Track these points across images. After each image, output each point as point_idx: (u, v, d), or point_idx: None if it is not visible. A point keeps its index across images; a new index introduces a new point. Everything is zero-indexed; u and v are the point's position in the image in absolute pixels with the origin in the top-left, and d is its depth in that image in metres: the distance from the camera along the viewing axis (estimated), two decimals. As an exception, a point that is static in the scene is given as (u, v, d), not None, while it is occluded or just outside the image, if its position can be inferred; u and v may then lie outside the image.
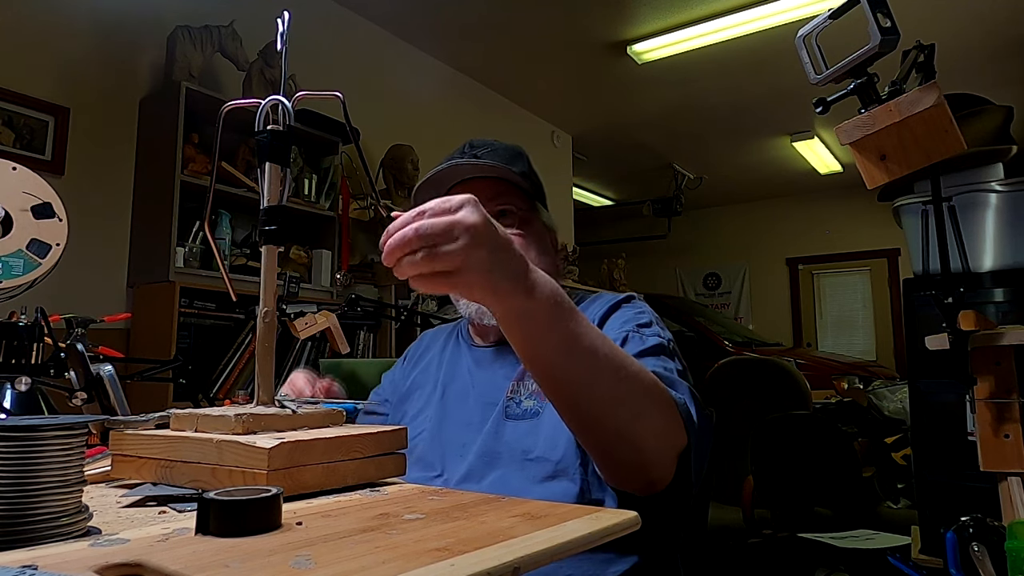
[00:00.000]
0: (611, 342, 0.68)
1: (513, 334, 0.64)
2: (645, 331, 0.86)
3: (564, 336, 0.64)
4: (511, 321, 0.63)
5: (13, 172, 0.95)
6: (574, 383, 0.66)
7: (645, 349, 0.82)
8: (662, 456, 0.71)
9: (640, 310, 0.91)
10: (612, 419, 0.67)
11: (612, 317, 0.90)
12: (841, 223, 6.85)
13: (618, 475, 0.74)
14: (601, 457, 0.73)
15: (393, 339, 2.93)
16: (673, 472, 0.73)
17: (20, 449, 0.41)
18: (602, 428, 0.68)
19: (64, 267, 0.97)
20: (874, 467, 2.92)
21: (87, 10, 2.43)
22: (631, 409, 0.67)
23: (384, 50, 3.68)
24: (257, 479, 0.51)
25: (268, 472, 0.51)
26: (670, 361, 0.82)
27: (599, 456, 0.73)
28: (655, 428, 0.70)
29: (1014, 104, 1.98)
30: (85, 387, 0.89)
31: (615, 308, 0.92)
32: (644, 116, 4.95)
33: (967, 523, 1.24)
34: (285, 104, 0.65)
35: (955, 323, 1.28)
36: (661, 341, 0.85)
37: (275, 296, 0.65)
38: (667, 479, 0.73)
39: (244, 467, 0.52)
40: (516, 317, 0.62)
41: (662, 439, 0.71)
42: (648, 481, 0.72)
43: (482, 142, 1.00)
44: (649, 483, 0.72)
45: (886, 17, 0.93)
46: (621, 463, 0.72)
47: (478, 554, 0.38)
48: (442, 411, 0.95)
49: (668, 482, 0.73)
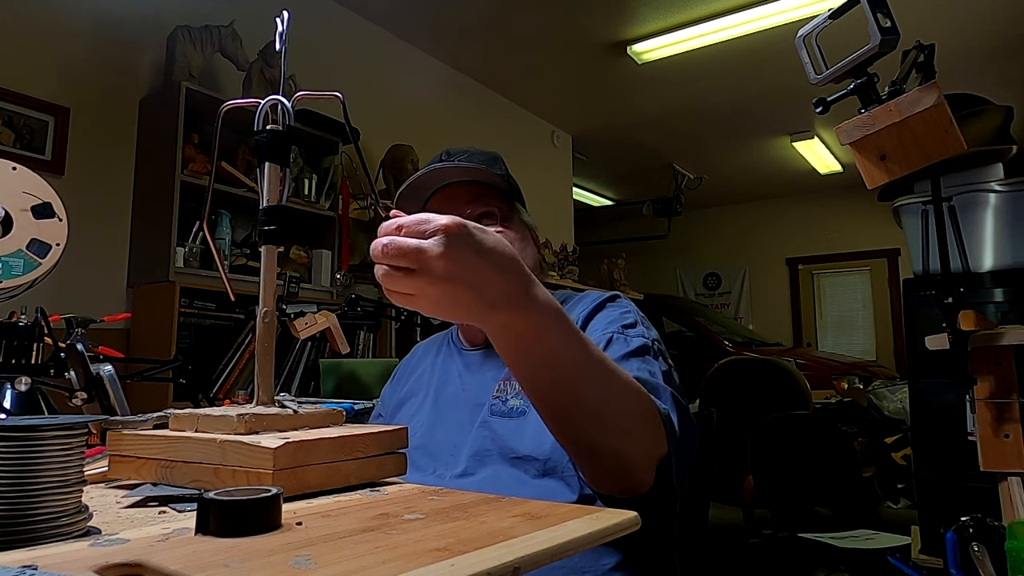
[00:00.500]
0: (601, 354, 0.68)
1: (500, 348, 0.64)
2: (630, 332, 0.86)
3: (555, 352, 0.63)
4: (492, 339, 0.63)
5: (13, 172, 0.95)
6: (561, 398, 0.66)
7: (630, 351, 0.83)
8: (642, 463, 0.72)
9: (625, 309, 0.91)
10: (597, 433, 0.68)
11: (597, 317, 0.91)
12: (841, 223, 6.85)
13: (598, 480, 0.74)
14: (581, 463, 0.74)
15: (393, 339, 2.93)
16: (653, 478, 0.73)
17: (20, 449, 0.41)
18: (586, 441, 0.69)
19: (64, 267, 0.97)
20: (874, 467, 2.92)
21: (87, 10, 2.43)
22: (617, 425, 0.68)
23: (384, 50, 3.68)
24: (262, 479, 0.51)
25: (274, 472, 0.51)
26: (654, 362, 0.82)
27: (579, 462, 0.74)
28: (639, 441, 0.70)
29: (1014, 104, 1.98)
30: (85, 387, 0.89)
31: (599, 308, 0.92)
32: (644, 116, 4.95)
33: (967, 523, 1.24)
34: (285, 104, 0.65)
35: (955, 323, 1.29)
36: (646, 342, 0.85)
37: (275, 296, 0.65)
38: (647, 484, 0.73)
39: (248, 467, 0.52)
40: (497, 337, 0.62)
41: (643, 450, 0.71)
42: (628, 487, 0.73)
43: (459, 149, 1.02)
44: (629, 489, 0.73)
45: (886, 17, 0.93)
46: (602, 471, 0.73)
47: (478, 554, 0.38)
48: (435, 415, 0.96)
49: (648, 487, 0.74)
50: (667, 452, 0.73)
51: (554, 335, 0.62)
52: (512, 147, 4.66)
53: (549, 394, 0.66)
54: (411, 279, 0.54)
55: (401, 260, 0.53)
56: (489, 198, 0.99)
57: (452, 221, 0.54)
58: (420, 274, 0.53)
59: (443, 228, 0.54)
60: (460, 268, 0.54)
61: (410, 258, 0.53)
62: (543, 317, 0.61)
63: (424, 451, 0.91)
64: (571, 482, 0.80)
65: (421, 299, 0.55)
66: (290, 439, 0.53)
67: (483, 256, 0.56)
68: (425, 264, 0.53)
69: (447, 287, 0.54)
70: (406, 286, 0.54)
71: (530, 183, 5.64)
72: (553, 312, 0.62)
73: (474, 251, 0.55)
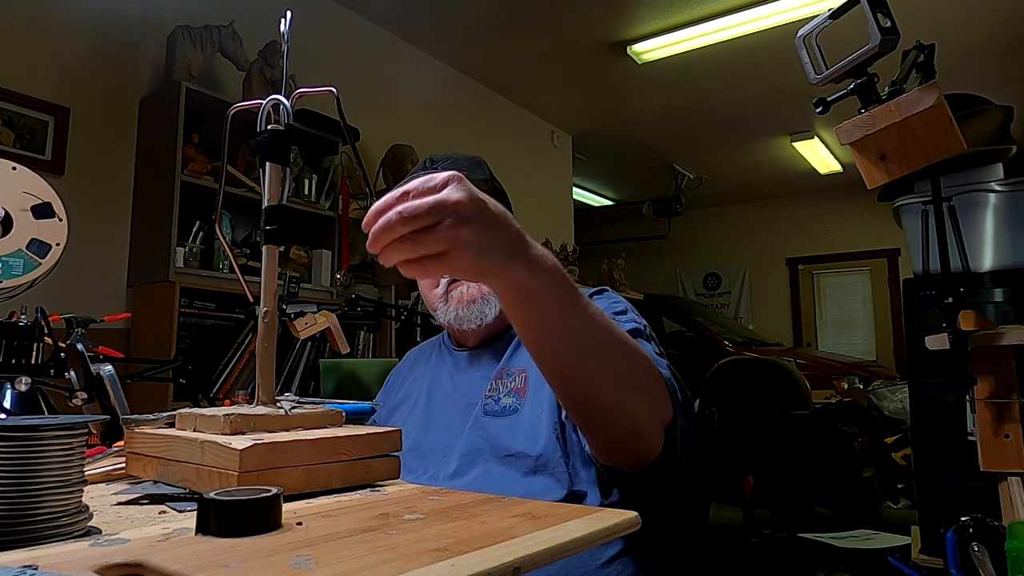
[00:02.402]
0: (607, 316, 0.67)
1: (513, 310, 0.63)
2: (621, 318, 0.86)
3: (565, 309, 0.63)
4: (511, 296, 0.61)
5: (13, 172, 0.95)
6: (576, 356, 0.65)
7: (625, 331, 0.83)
8: (653, 427, 0.72)
9: (614, 300, 0.92)
10: (611, 391, 0.67)
11: None
12: (841, 223, 6.85)
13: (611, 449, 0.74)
14: (595, 431, 0.74)
15: (393, 339, 2.93)
16: (662, 444, 0.73)
17: (20, 449, 0.41)
18: (600, 401, 0.68)
19: (64, 267, 0.97)
20: (874, 467, 2.92)
21: (87, 10, 2.43)
22: (629, 381, 0.68)
23: (384, 50, 3.68)
24: (230, 480, 0.50)
25: (240, 473, 0.50)
26: (647, 344, 0.83)
27: (593, 430, 0.74)
28: (649, 400, 0.70)
29: (1014, 104, 1.98)
30: (85, 387, 0.89)
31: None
32: (644, 116, 4.95)
33: (967, 523, 1.24)
34: (285, 104, 0.65)
35: (955, 323, 1.28)
36: (638, 326, 0.85)
37: (275, 296, 0.65)
38: (657, 450, 0.73)
39: (220, 468, 0.52)
40: (516, 292, 0.61)
41: (653, 411, 0.71)
42: (639, 454, 0.73)
43: (442, 156, 1.02)
44: (640, 456, 0.73)
45: (886, 17, 0.93)
46: (615, 437, 0.72)
47: (478, 554, 0.38)
48: (427, 418, 0.96)
49: (657, 454, 0.73)
50: (672, 418, 0.73)
51: (561, 285, 0.62)
52: (512, 147, 4.66)
53: (561, 351, 0.65)
54: (442, 232, 0.52)
55: (423, 218, 0.51)
56: None
57: (453, 173, 0.54)
58: (448, 224, 0.52)
59: (450, 178, 0.53)
60: (480, 211, 0.54)
61: (432, 211, 0.51)
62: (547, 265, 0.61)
63: (417, 452, 0.91)
64: (561, 478, 0.80)
65: (458, 250, 0.53)
66: (264, 440, 0.53)
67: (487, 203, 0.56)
68: (451, 210, 0.52)
69: (476, 231, 0.53)
70: (439, 239, 0.52)
71: (530, 183, 5.63)
72: (552, 261, 0.62)
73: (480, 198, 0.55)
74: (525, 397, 0.87)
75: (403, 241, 0.52)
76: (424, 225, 0.51)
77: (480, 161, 1.05)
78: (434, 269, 0.54)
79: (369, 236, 0.53)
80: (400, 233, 0.52)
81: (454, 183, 0.53)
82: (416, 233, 0.52)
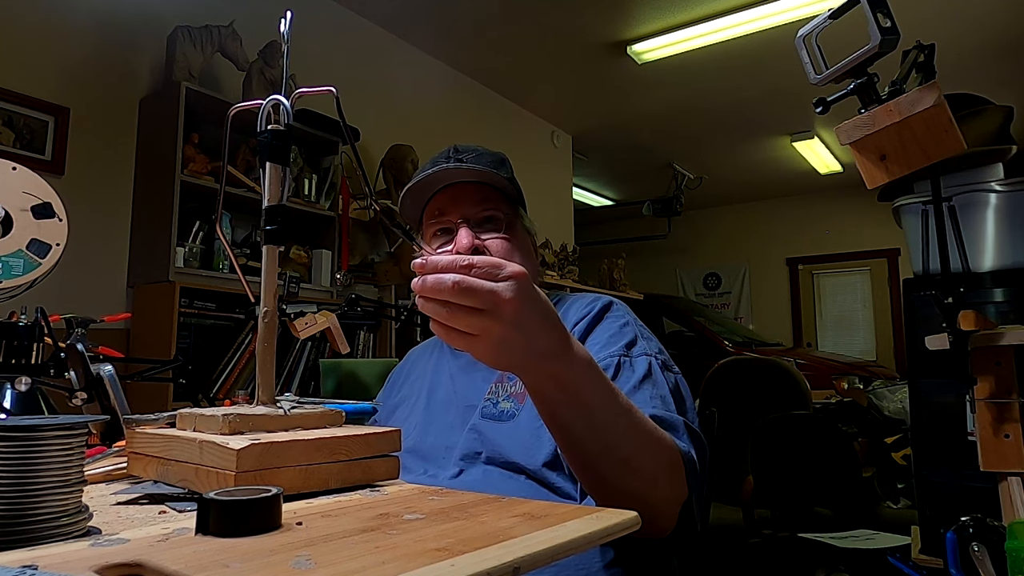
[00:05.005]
0: (629, 403, 0.68)
1: (539, 407, 0.65)
2: (633, 352, 0.85)
3: (591, 402, 0.64)
4: (536, 395, 0.64)
5: (13, 172, 0.95)
6: (594, 445, 0.66)
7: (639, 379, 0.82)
8: (668, 512, 0.72)
9: (623, 322, 0.90)
10: (626, 480, 0.68)
11: (596, 331, 0.90)
12: (841, 223, 6.85)
13: None
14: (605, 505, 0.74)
15: (393, 339, 2.93)
16: (675, 522, 0.74)
17: (20, 449, 0.41)
18: (614, 487, 0.69)
19: (64, 267, 0.97)
20: (874, 467, 2.92)
21: (87, 10, 2.43)
22: (645, 473, 0.68)
23: (384, 50, 3.68)
24: (228, 480, 0.50)
25: (236, 473, 0.50)
26: (663, 382, 0.82)
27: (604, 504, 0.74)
28: (664, 491, 0.71)
29: (1014, 104, 1.98)
30: (85, 387, 0.89)
31: (597, 320, 0.91)
32: (644, 116, 4.95)
33: (967, 523, 1.24)
34: (285, 104, 0.65)
35: (955, 323, 1.28)
36: (650, 359, 0.84)
37: (275, 296, 0.65)
38: (669, 530, 0.74)
39: (218, 467, 0.52)
40: (540, 393, 0.63)
41: (669, 499, 0.72)
42: (648, 533, 0.73)
43: (468, 147, 1.01)
44: (648, 534, 0.73)
45: (886, 17, 0.93)
46: None
47: (478, 554, 0.38)
48: (427, 418, 0.96)
49: (669, 532, 0.74)
50: (688, 495, 0.73)
51: (591, 385, 0.64)
52: (512, 147, 4.65)
53: (583, 442, 0.66)
54: (478, 318, 0.54)
55: (471, 299, 0.54)
56: (495, 201, 0.99)
57: (521, 270, 0.56)
58: (488, 315, 0.54)
59: (515, 274, 0.56)
60: (523, 315, 0.56)
61: (482, 298, 0.54)
62: (581, 368, 0.63)
63: (416, 454, 0.91)
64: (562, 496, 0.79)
65: (483, 340, 0.56)
66: (260, 440, 0.53)
67: (536, 306, 0.58)
68: (496, 306, 0.54)
69: (510, 331, 0.55)
70: (473, 325, 0.55)
71: (530, 183, 5.66)
72: (588, 363, 0.64)
73: (532, 301, 0.57)
74: (524, 403, 0.86)
75: (443, 306, 0.54)
76: (469, 305, 0.54)
77: (504, 158, 1.03)
78: (457, 341, 0.56)
79: (419, 279, 0.55)
80: (445, 297, 0.54)
81: (516, 280, 0.55)
82: (458, 307, 0.54)
